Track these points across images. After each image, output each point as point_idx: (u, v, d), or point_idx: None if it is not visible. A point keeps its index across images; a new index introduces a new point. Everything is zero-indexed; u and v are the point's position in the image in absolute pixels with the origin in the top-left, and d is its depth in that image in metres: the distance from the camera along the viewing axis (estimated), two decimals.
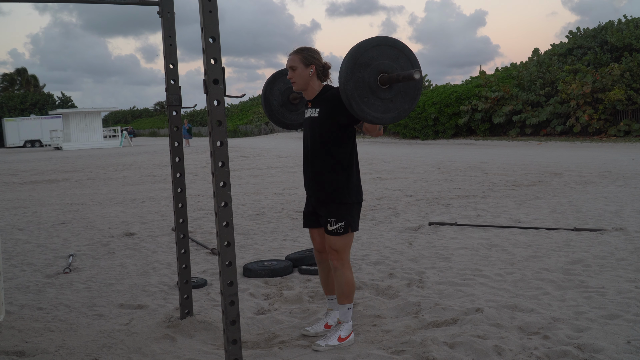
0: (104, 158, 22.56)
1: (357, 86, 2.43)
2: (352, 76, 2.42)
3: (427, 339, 2.81)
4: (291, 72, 2.80)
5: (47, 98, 55.57)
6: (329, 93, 2.79)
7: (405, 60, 2.52)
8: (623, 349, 2.64)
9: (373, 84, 2.46)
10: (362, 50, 2.43)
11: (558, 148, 18.22)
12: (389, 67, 2.48)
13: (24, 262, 5.01)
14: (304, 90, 2.83)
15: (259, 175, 12.66)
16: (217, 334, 3.06)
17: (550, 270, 4.05)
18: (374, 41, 2.46)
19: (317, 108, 2.80)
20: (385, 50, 2.47)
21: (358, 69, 2.43)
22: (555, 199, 7.47)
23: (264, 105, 3.20)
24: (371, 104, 2.47)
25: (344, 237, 2.82)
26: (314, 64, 2.78)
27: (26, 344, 2.98)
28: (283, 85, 3.18)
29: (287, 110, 3.23)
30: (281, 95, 3.19)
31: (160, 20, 3.12)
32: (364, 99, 2.46)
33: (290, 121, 3.26)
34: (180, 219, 3.17)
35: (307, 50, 2.80)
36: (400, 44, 2.52)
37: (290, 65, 2.80)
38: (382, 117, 2.51)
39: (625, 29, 23.07)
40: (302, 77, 2.77)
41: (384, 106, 2.50)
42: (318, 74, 2.80)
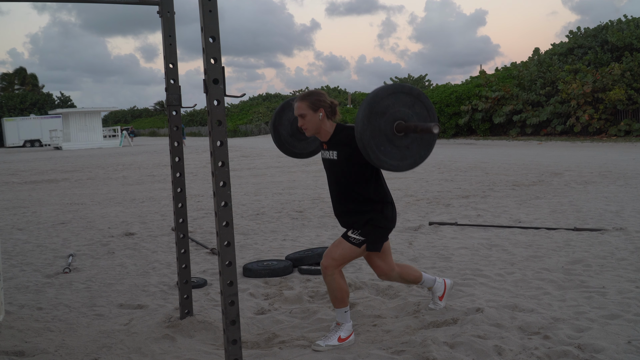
0: (103, 158, 22.56)
1: (373, 135, 2.46)
2: (368, 125, 2.44)
3: (427, 339, 2.80)
4: (301, 120, 2.80)
5: (47, 98, 55.57)
6: (344, 134, 2.80)
7: (421, 106, 2.55)
8: (624, 349, 2.63)
9: (389, 132, 2.49)
10: (377, 99, 2.45)
11: (558, 148, 18.21)
12: (405, 115, 2.50)
13: (23, 262, 5.01)
14: (316, 134, 2.85)
15: (259, 175, 12.66)
16: (217, 334, 3.06)
17: (551, 270, 4.05)
18: (389, 89, 2.48)
19: (334, 150, 2.82)
20: (400, 97, 2.50)
21: (374, 117, 2.45)
22: (555, 198, 7.46)
23: (274, 136, 3.18)
24: (388, 152, 2.51)
25: (353, 248, 2.83)
26: (322, 107, 2.79)
27: (26, 344, 2.97)
28: (292, 114, 3.17)
29: (296, 139, 3.22)
30: (290, 125, 3.19)
31: (160, 19, 3.12)
32: (381, 147, 2.48)
33: (300, 150, 3.25)
34: (180, 218, 3.16)
35: (312, 95, 2.81)
36: (416, 91, 2.55)
37: (298, 113, 2.79)
38: (399, 164, 2.55)
39: (626, 28, 23.07)
40: (313, 123, 2.79)
41: (401, 154, 2.54)
42: (328, 115, 2.81)
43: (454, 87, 28.02)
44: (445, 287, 3.29)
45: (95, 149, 32.58)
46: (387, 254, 3.00)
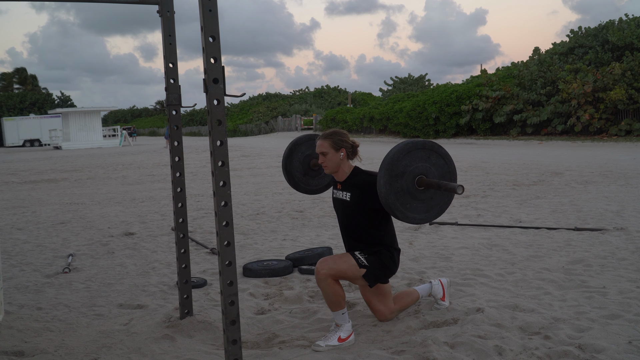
0: (103, 157, 22.56)
1: (397, 197, 2.55)
2: (391, 189, 2.53)
3: (427, 339, 2.80)
4: (322, 158, 2.88)
5: (46, 97, 55.54)
6: (359, 178, 2.87)
7: (437, 156, 2.65)
8: (624, 349, 2.63)
9: (412, 189, 2.58)
10: (395, 162, 2.54)
11: (559, 147, 18.20)
12: (423, 169, 2.60)
13: (23, 262, 5.01)
14: (335, 173, 2.91)
15: (259, 175, 12.65)
16: (217, 334, 3.05)
17: (551, 270, 4.04)
18: (404, 150, 2.57)
19: (347, 192, 2.88)
20: (416, 154, 2.59)
21: (395, 180, 2.54)
22: (556, 198, 7.46)
23: (288, 179, 3.28)
24: (414, 208, 2.60)
25: (353, 266, 2.86)
26: (344, 147, 2.86)
27: (25, 344, 2.97)
28: (301, 155, 3.26)
29: (310, 177, 3.31)
30: (301, 165, 3.28)
31: (160, 19, 3.11)
32: (406, 205, 2.57)
33: (315, 187, 3.36)
34: (180, 218, 3.16)
35: (336, 135, 2.88)
36: (429, 144, 2.64)
37: (321, 151, 2.87)
38: (427, 216, 2.65)
39: (627, 28, 23.05)
40: (333, 162, 2.87)
41: (426, 206, 2.63)
42: (348, 155, 2.89)
43: (454, 86, 28.01)
44: (443, 287, 3.29)
45: (95, 149, 32.58)
46: (387, 297, 3.05)
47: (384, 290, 3.04)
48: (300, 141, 3.26)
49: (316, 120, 41.61)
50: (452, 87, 27.57)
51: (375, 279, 2.92)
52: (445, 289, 3.30)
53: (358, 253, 2.90)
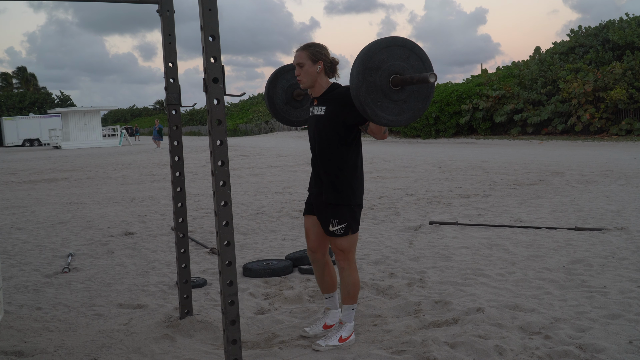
0: (103, 157, 22.55)
1: (369, 91, 2.39)
2: (363, 81, 2.37)
3: (428, 339, 2.79)
4: (298, 69, 2.73)
5: (46, 97, 55.52)
6: (337, 91, 2.74)
7: (416, 58, 2.46)
8: (625, 349, 2.62)
9: (385, 87, 2.41)
10: (371, 54, 2.38)
11: (559, 147, 18.19)
12: (400, 68, 2.43)
13: (22, 262, 5.00)
14: (311, 87, 2.77)
15: (259, 175, 12.65)
16: (216, 334, 3.05)
17: (552, 270, 4.03)
18: (382, 43, 2.41)
19: (323, 106, 2.75)
20: (394, 51, 2.42)
21: (369, 73, 2.38)
22: (556, 198, 7.45)
23: (268, 105, 3.17)
24: (385, 107, 2.43)
25: (347, 237, 2.80)
26: (322, 60, 2.72)
27: (25, 344, 2.96)
28: (285, 82, 3.15)
29: (292, 107, 3.19)
30: (284, 93, 3.16)
31: (160, 18, 3.10)
32: (377, 102, 2.41)
33: (295, 118, 3.23)
34: (179, 218, 3.15)
35: (314, 46, 2.73)
36: (410, 43, 2.46)
37: (297, 62, 2.72)
38: (397, 119, 2.47)
39: (627, 27, 23.04)
40: (309, 74, 2.72)
41: (398, 108, 2.46)
42: (326, 71, 2.74)
43: (454, 86, 27.99)
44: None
45: (95, 148, 32.56)
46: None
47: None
48: (287, 68, 3.13)
49: None
50: (453, 87, 27.55)
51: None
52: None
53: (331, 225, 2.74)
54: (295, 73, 2.77)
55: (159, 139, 28.46)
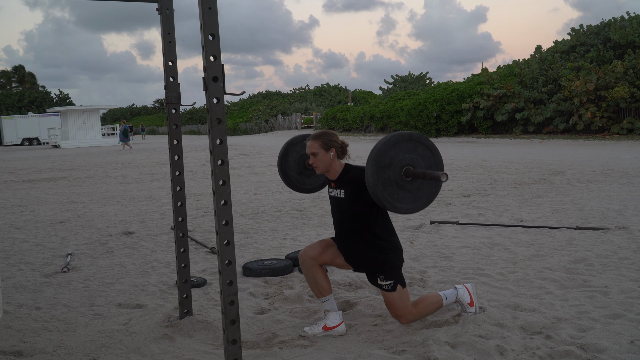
0: (102, 156, 22.55)
1: (385, 187, 2.60)
2: (378, 179, 2.59)
3: (428, 339, 2.78)
4: (313, 158, 2.93)
5: (45, 96, 55.50)
6: (352, 174, 2.92)
7: (423, 148, 2.69)
8: (626, 349, 2.61)
9: (399, 180, 2.63)
10: (382, 153, 2.60)
11: (561, 146, 18.18)
12: (410, 160, 2.65)
13: (21, 261, 4.99)
14: (326, 172, 2.96)
15: (259, 174, 12.63)
16: (216, 334, 3.04)
17: (553, 270, 4.02)
18: (390, 142, 2.62)
19: (341, 189, 2.93)
20: (402, 145, 2.64)
21: (382, 171, 2.59)
22: (557, 197, 7.43)
23: (284, 179, 3.33)
24: (401, 198, 2.65)
25: (397, 293, 2.92)
26: (333, 146, 2.91)
27: (24, 343, 2.95)
28: (296, 154, 3.31)
29: (305, 176, 3.36)
30: (296, 165, 3.32)
31: (160, 17, 3.09)
32: (394, 195, 2.63)
33: (310, 186, 3.39)
34: (179, 217, 3.14)
35: (325, 136, 2.93)
36: (416, 136, 2.68)
37: (311, 151, 2.92)
38: (414, 206, 2.69)
39: (629, 26, 23.01)
40: (323, 162, 2.92)
41: (413, 196, 2.68)
42: (338, 155, 2.94)
43: (455, 84, 27.99)
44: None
45: (94, 147, 32.55)
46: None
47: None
48: (295, 141, 3.31)
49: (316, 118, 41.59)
50: (453, 86, 27.55)
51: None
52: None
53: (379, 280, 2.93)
54: (310, 161, 2.98)
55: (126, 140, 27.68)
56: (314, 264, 2.99)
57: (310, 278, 3.03)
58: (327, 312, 3.06)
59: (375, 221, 2.89)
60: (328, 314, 3.05)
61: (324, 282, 3.01)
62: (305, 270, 3.02)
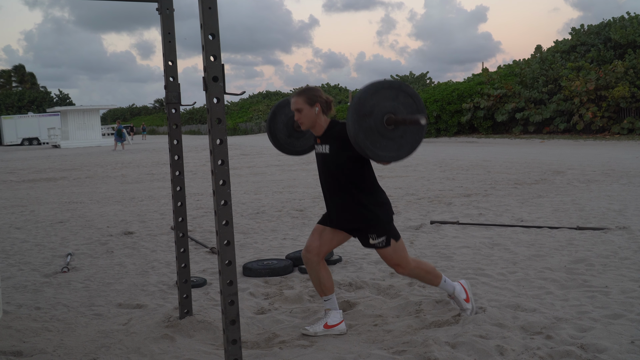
0: (102, 156, 22.55)
1: (367, 135, 2.55)
2: (360, 128, 2.53)
3: (428, 339, 2.78)
4: (297, 114, 2.90)
5: (45, 95, 55.49)
6: (337, 129, 2.89)
7: (405, 95, 2.62)
8: (627, 349, 2.61)
9: (381, 128, 2.58)
10: (362, 102, 2.54)
11: (561, 146, 18.18)
12: (391, 108, 2.59)
13: (21, 261, 4.99)
14: (311, 128, 2.94)
15: (259, 174, 12.63)
16: (216, 334, 3.03)
17: (553, 270, 4.02)
18: (370, 89, 2.57)
19: (327, 144, 2.90)
20: (384, 93, 2.58)
21: (363, 119, 2.54)
22: (558, 197, 7.43)
23: (273, 142, 3.29)
24: (384, 146, 2.59)
25: (393, 248, 2.89)
26: (318, 102, 2.88)
27: (24, 344, 2.95)
28: (284, 117, 3.26)
29: (295, 139, 3.31)
30: (285, 127, 3.27)
31: (160, 17, 3.09)
32: (376, 144, 2.57)
33: (300, 148, 3.35)
34: (179, 217, 3.14)
35: (309, 91, 2.91)
36: (397, 83, 2.62)
37: (295, 107, 2.89)
38: (397, 154, 2.63)
39: (629, 25, 23.01)
40: (308, 117, 2.88)
41: (396, 144, 2.62)
42: (323, 110, 2.91)
43: (455, 84, 27.97)
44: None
45: (94, 147, 32.54)
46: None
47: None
48: (283, 103, 3.24)
49: None
50: (454, 85, 27.54)
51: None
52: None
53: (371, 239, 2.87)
54: (295, 118, 2.94)
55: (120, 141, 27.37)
56: (317, 261, 2.98)
57: (314, 276, 3.02)
58: (328, 310, 3.06)
59: (360, 176, 2.85)
60: (329, 312, 3.05)
61: (327, 281, 3.00)
62: (309, 269, 3.02)
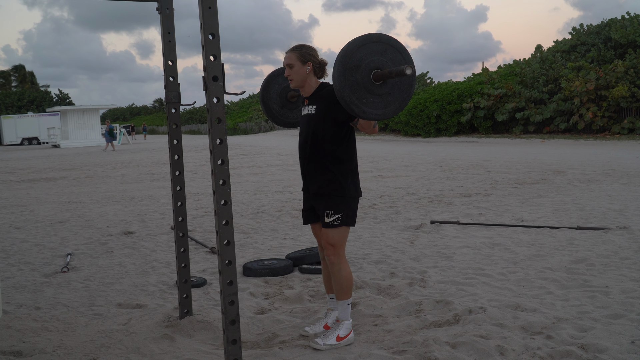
0: (102, 156, 22.54)
1: (353, 90, 2.45)
2: (345, 81, 2.44)
3: (429, 339, 2.77)
4: (288, 70, 2.82)
5: (45, 95, 55.45)
6: (326, 90, 2.82)
7: (393, 51, 2.51)
8: (627, 349, 2.60)
9: (368, 83, 2.47)
10: (349, 54, 2.44)
11: (561, 146, 18.18)
12: (379, 63, 2.48)
13: (21, 261, 4.98)
14: (301, 87, 2.86)
15: (259, 173, 12.63)
16: (216, 334, 3.03)
17: (554, 270, 4.01)
18: (358, 42, 2.47)
19: (314, 105, 2.83)
20: (371, 47, 2.48)
21: (350, 72, 2.44)
22: (558, 197, 7.43)
23: (265, 110, 3.23)
24: (370, 103, 2.49)
25: (340, 230, 2.81)
26: (311, 61, 2.81)
27: (23, 343, 2.94)
28: (278, 86, 3.20)
29: (288, 110, 3.24)
30: (279, 97, 3.21)
31: (160, 16, 3.08)
32: (363, 99, 2.47)
33: (293, 120, 3.28)
34: (179, 217, 3.13)
35: (303, 48, 2.83)
36: (385, 37, 2.51)
37: (287, 62, 2.82)
38: (384, 112, 2.52)
39: (629, 25, 23.00)
40: (299, 75, 2.81)
41: (384, 101, 2.52)
42: (315, 71, 2.83)
43: (455, 84, 27.96)
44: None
45: (94, 147, 32.53)
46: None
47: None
48: (278, 72, 3.18)
49: None
50: (454, 85, 27.52)
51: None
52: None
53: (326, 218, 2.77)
54: (285, 74, 2.85)
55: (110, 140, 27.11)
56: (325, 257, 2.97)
57: (324, 272, 3.04)
58: (330, 310, 3.04)
59: (340, 144, 2.77)
60: (330, 312, 3.03)
61: None
62: (322, 265, 3.05)
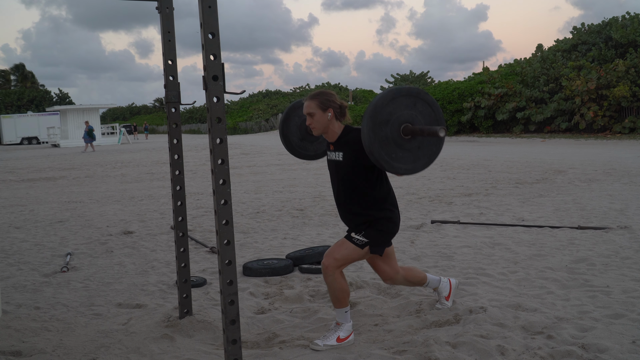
0: (102, 155, 22.54)
1: (382, 145, 2.43)
2: (375, 137, 2.41)
3: (429, 339, 2.77)
4: (309, 119, 2.80)
5: (44, 94, 55.45)
6: (351, 136, 2.79)
7: (423, 104, 2.50)
8: (628, 349, 2.60)
9: (397, 138, 2.46)
10: (379, 109, 2.42)
11: (562, 145, 18.17)
12: (409, 117, 2.47)
13: (21, 261, 4.98)
14: (324, 134, 2.85)
15: (259, 173, 12.62)
16: (216, 334, 3.03)
17: (554, 269, 4.01)
18: (388, 96, 2.45)
19: (340, 152, 2.82)
20: (401, 101, 2.46)
21: (379, 127, 2.42)
22: (559, 196, 7.42)
23: (285, 144, 3.20)
24: (400, 158, 2.47)
25: (356, 250, 2.81)
26: (331, 107, 2.78)
27: (23, 343, 2.94)
28: (298, 119, 3.17)
29: (308, 142, 3.22)
30: (299, 130, 3.19)
31: (159, 16, 3.07)
32: (392, 155, 2.45)
33: (313, 152, 3.26)
34: (179, 217, 3.13)
35: (322, 95, 2.81)
36: (415, 90, 2.50)
37: (307, 111, 2.80)
38: (414, 166, 2.51)
39: (630, 25, 22.98)
40: (321, 123, 2.79)
41: (413, 156, 2.50)
42: (336, 116, 2.81)
43: (456, 83, 27.96)
44: (450, 286, 3.28)
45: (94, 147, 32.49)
46: (391, 258, 2.99)
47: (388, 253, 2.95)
48: (298, 105, 3.16)
49: None
50: (454, 84, 27.52)
51: (380, 248, 2.85)
52: (452, 289, 3.28)
53: (354, 234, 2.82)
54: (307, 123, 2.84)
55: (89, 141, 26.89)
56: None
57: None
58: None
59: (373, 187, 2.76)
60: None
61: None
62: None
